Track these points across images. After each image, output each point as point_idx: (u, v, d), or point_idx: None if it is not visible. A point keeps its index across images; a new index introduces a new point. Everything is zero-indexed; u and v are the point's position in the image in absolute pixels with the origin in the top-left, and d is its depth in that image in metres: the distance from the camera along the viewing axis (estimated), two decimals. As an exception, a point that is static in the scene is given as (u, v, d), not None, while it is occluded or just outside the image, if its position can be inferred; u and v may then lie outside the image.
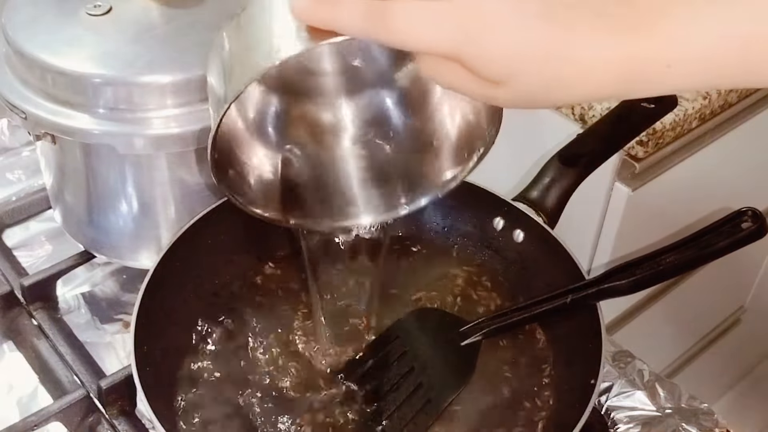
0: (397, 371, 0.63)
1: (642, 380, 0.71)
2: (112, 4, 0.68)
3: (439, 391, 0.62)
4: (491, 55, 0.39)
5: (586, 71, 0.39)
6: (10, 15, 0.68)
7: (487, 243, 0.74)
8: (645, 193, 0.90)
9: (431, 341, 0.66)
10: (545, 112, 0.91)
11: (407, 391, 0.62)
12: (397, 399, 0.62)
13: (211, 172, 0.50)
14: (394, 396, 0.62)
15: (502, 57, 0.39)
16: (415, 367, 0.63)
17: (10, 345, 0.73)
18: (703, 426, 0.67)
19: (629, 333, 1.06)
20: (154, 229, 0.73)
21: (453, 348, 0.64)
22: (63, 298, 0.77)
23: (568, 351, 0.66)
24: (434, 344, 0.65)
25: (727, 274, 1.24)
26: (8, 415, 0.67)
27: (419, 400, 0.61)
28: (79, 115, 0.64)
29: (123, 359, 0.73)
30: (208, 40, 0.67)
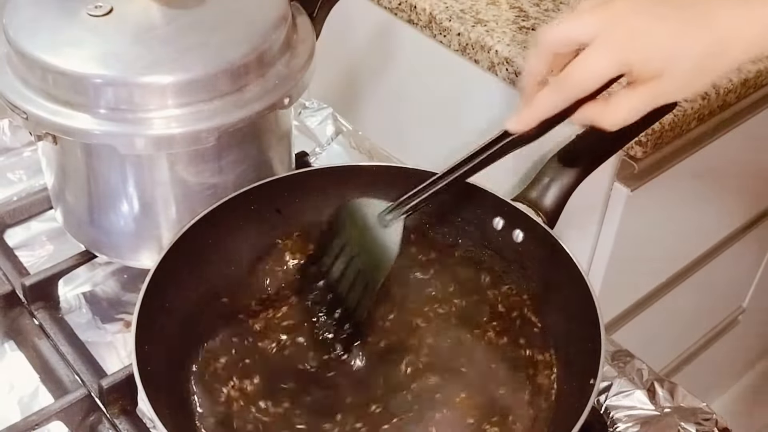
0: (340, 263, 0.69)
1: (641, 379, 0.71)
2: (113, 5, 0.68)
3: (372, 274, 0.66)
4: (649, 55, 0.54)
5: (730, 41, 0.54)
6: (12, 15, 0.69)
7: (486, 243, 0.74)
8: (644, 193, 0.90)
9: (364, 229, 0.69)
10: (545, 112, 0.91)
11: (349, 279, 0.67)
12: (344, 287, 0.68)
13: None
14: (342, 285, 0.68)
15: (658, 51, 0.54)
16: (354, 257, 0.68)
17: (12, 344, 0.73)
18: (702, 425, 0.67)
19: (628, 332, 1.06)
20: (155, 229, 0.73)
21: (380, 231, 0.67)
22: (64, 297, 0.77)
23: (567, 350, 0.66)
24: (366, 231, 0.69)
25: (726, 275, 1.25)
26: (9, 414, 0.68)
27: (360, 285, 0.67)
28: (80, 115, 0.65)
29: (124, 359, 0.73)
30: (208, 40, 0.68)
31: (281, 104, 0.69)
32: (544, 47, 0.59)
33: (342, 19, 0.86)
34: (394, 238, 0.66)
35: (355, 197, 0.76)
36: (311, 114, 1.01)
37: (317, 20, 0.78)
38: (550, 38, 0.58)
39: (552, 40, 0.58)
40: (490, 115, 1.00)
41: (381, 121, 1.15)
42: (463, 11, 0.98)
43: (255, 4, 0.72)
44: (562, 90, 0.57)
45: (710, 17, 0.54)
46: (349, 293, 0.67)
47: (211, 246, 0.71)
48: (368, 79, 1.15)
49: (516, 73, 0.91)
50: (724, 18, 0.54)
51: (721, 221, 1.14)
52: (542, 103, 0.58)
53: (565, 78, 0.56)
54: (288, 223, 0.75)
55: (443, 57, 0.99)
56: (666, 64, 0.54)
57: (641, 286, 1.07)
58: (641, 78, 0.55)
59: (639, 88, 0.55)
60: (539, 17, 0.98)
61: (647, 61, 0.54)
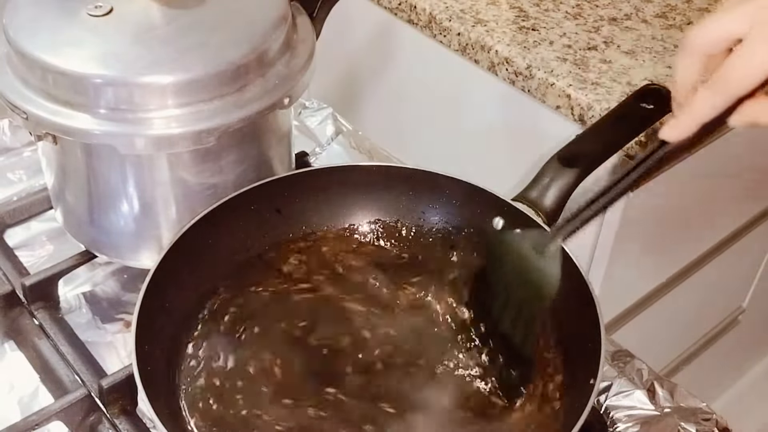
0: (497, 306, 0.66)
1: (641, 379, 0.71)
2: (113, 5, 0.68)
3: (535, 303, 0.64)
4: None
5: None
6: (12, 15, 0.69)
7: (486, 243, 0.74)
8: (644, 194, 0.90)
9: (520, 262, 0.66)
10: (545, 111, 0.91)
11: (511, 316, 0.65)
12: (507, 326, 0.65)
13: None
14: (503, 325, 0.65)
15: None
16: (511, 293, 0.65)
17: (12, 344, 0.73)
18: (702, 425, 0.67)
19: (628, 332, 1.06)
20: (155, 229, 0.73)
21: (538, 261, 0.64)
22: (64, 297, 0.77)
23: (567, 350, 0.66)
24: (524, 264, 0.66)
25: (726, 275, 1.25)
26: (9, 414, 0.68)
27: (523, 320, 0.64)
28: (80, 115, 0.65)
29: (124, 359, 0.73)
30: (208, 40, 0.68)
31: (281, 104, 0.69)
32: (697, 49, 0.55)
33: (342, 19, 0.86)
34: (554, 266, 0.63)
35: (355, 197, 0.77)
36: (311, 114, 1.01)
37: (317, 20, 0.78)
38: (702, 39, 0.55)
39: (704, 41, 0.55)
40: (490, 115, 1.00)
41: (381, 121, 1.15)
42: (463, 11, 0.98)
43: (255, 4, 0.72)
44: (722, 90, 0.54)
45: None
46: (514, 332, 0.65)
47: (211, 246, 0.71)
48: (368, 79, 1.15)
49: (516, 73, 0.91)
50: None
51: (721, 221, 1.14)
52: (701, 107, 0.55)
53: (725, 77, 0.53)
54: (288, 223, 0.75)
55: (443, 57, 0.99)
56: None
57: (641, 286, 1.07)
58: None
59: None
60: (539, 17, 0.98)
61: None
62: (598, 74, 0.89)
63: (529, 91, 0.91)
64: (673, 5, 1.02)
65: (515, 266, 0.66)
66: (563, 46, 0.93)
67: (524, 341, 0.65)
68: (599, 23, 0.97)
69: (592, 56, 0.92)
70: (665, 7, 1.01)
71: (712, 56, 0.55)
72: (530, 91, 0.91)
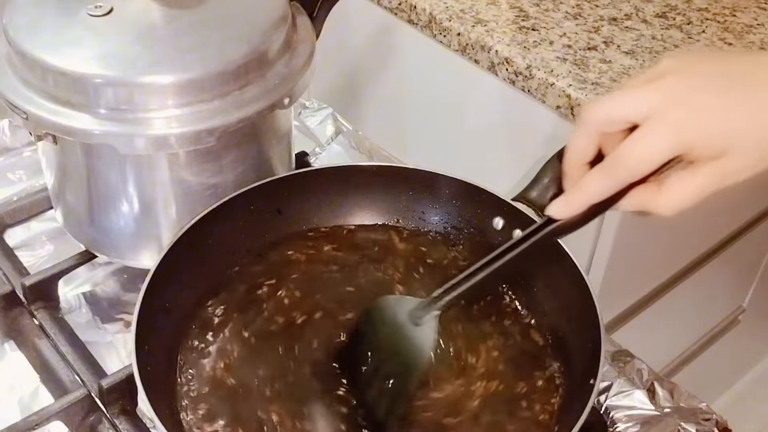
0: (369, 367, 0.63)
1: (641, 379, 0.71)
2: (113, 5, 0.68)
3: (405, 377, 0.62)
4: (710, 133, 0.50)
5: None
6: (12, 15, 0.69)
7: (486, 243, 0.74)
8: (644, 193, 0.90)
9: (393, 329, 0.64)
10: (545, 112, 0.91)
11: (380, 385, 0.62)
12: (372, 395, 0.62)
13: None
14: (370, 393, 0.62)
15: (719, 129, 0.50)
16: (382, 360, 0.63)
17: (12, 344, 0.73)
18: (702, 425, 0.67)
19: (628, 332, 1.06)
20: (155, 229, 0.73)
21: (412, 330, 0.62)
22: (64, 297, 0.77)
23: (567, 350, 0.66)
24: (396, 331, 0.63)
25: (726, 275, 1.25)
26: (9, 414, 0.68)
27: (390, 392, 0.61)
28: (80, 115, 0.65)
29: (124, 359, 0.73)
30: (208, 40, 0.68)
31: (281, 104, 0.69)
32: (591, 126, 0.54)
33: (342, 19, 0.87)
34: (427, 338, 0.61)
35: (355, 197, 0.77)
36: (311, 114, 1.01)
37: (317, 20, 0.78)
38: (597, 116, 0.53)
39: (600, 119, 0.53)
40: (490, 115, 1.00)
41: (381, 121, 1.16)
42: (463, 11, 0.98)
43: (255, 4, 0.72)
44: (614, 174, 0.52)
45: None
46: (379, 400, 0.61)
47: (211, 246, 0.71)
48: (368, 79, 1.15)
49: (516, 73, 0.91)
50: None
51: (721, 221, 1.14)
52: (591, 188, 0.53)
53: (618, 160, 0.51)
54: (288, 223, 0.75)
55: (443, 57, 0.99)
56: (728, 142, 0.50)
57: (641, 286, 1.07)
58: (701, 158, 0.51)
59: (700, 169, 0.51)
60: (539, 17, 0.98)
61: (708, 140, 0.50)
62: (598, 74, 0.89)
63: (529, 91, 0.91)
64: (673, 5, 1.02)
65: (388, 333, 0.63)
66: (563, 46, 0.93)
67: (387, 415, 0.61)
68: (599, 23, 0.97)
69: (592, 56, 0.92)
70: (665, 7, 1.01)
71: (609, 135, 0.53)
72: (530, 91, 0.91)
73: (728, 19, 0.99)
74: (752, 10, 1.02)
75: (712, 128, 0.50)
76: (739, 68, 0.52)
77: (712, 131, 0.50)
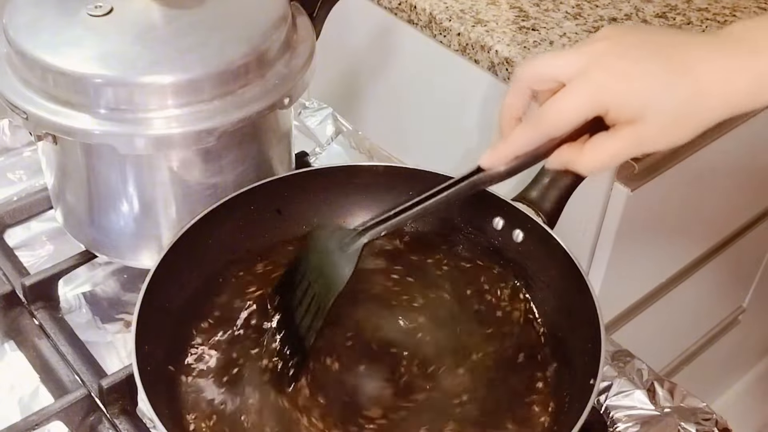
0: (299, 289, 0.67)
1: (641, 379, 0.71)
2: (113, 5, 0.68)
3: (325, 296, 0.65)
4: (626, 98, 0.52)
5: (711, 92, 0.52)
6: (12, 16, 0.69)
7: (486, 243, 0.74)
8: (644, 193, 0.90)
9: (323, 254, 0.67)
10: (545, 112, 0.91)
11: (306, 304, 0.66)
12: (299, 313, 0.66)
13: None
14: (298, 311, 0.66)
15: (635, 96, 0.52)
16: (311, 282, 0.66)
17: (12, 344, 0.73)
18: (702, 425, 0.67)
19: (628, 332, 1.06)
20: (155, 229, 0.73)
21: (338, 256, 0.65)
22: (64, 297, 0.77)
23: (567, 350, 0.66)
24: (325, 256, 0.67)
25: (726, 275, 1.25)
26: (9, 414, 0.68)
27: (313, 309, 0.65)
28: (80, 115, 0.65)
29: (124, 359, 0.73)
30: (208, 40, 0.68)
31: (281, 104, 0.69)
32: (521, 82, 0.57)
33: (342, 19, 0.87)
34: (349, 261, 0.64)
35: (355, 197, 0.77)
36: (311, 114, 1.01)
37: (317, 20, 0.78)
38: (527, 73, 0.57)
39: (529, 76, 0.57)
40: (490, 115, 1.00)
41: (381, 121, 1.15)
42: (463, 11, 0.98)
43: (255, 4, 0.73)
44: (536, 127, 0.55)
45: (691, 66, 0.52)
46: (302, 320, 0.65)
47: (211, 246, 0.71)
48: (368, 79, 1.15)
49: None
50: (705, 69, 0.52)
51: (721, 221, 1.14)
52: (517, 140, 0.57)
53: (540, 115, 0.55)
54: (288, 223, 0.75)
55: (443, 57, 0.99)
56: (643, 109, 0.52)
57: (641, 286, 1.07)
58: (618, 121, 0.53)
59: (618, 132, 0.53)
60: (539, 17, 0.98)
61: (624, 104, 0.52)
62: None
63: (529, 91, 0.91)
64: (673, 5, 1.02)
65: (319, 258, 0.67)
66: (563, 46, 0.93)
67: (306, 332, 0.65)
68: (599, 23, 0.97)
69: (592, 56, 0.92)
70: (665, 7, 1.01)
71: (542, 92, 0.56)
72: (530, 91, 0.91)
73: (728, 19, 0.99)
74: (752, 11, 1.02)
75: (630, 92, 0.52)
76: (668, 40, 0.55)
77: (629, 95, 0.52)
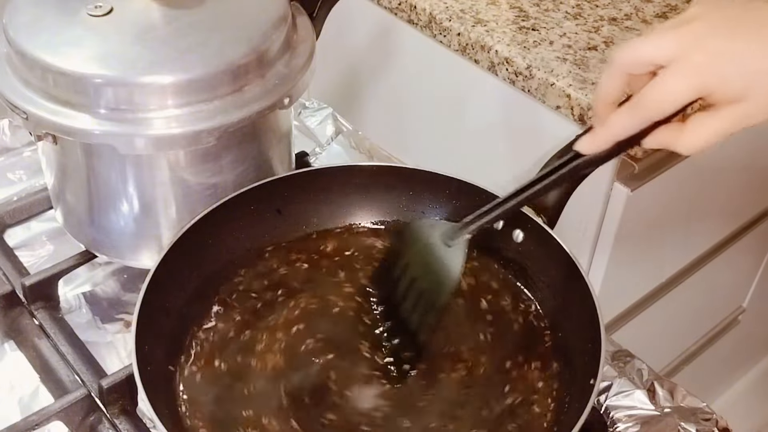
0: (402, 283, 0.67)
1: (641, 379, 0.71)
2: (113, 5, 0.68)
3: (435, 296, 0.65)
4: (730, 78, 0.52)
5: None
6: (12, 16, 0.69)
7: (486, 243, 0.74)
8: (644, 193, 0.90)
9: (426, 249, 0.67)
10: (545, 111, 0.91)
11: (413, 301, 0.66)
12: (405, 309, 0.66)
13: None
14: (403, 307, 0.67)
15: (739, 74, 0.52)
16: (415, 277, 0.67)
17: (12, 344, 0.73)
18: (702, 425, 0.67)
19: (628, 332, 1.06)
20: (155, 229, 0.73)
21: (444, 251, 0.66)
22: (64, 297, 0.77)
23: (567, 350, 0.66)
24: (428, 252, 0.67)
25: (726, 275, 1.25)
26: (9, 414, 0.68)
27: (422, 307, 0.66)
28: (80, 115, 0.65)
29: (124, 359, 0.73)
30: (208, 40, 0.68)
31: (281, 104, 0.69)
32: (618, 67, 0.57)
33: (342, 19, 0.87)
34: (457, 258, 0.65)
35: (355, 197, 0.77)
36: (311, 114, 1.01)
37: (317, 20, 0.78)
38: (624, 58, 0.56)
39: (627, 61, 0.56)
40: (490, 115, 1.00)
41: (381, 121, 1.15)
42: (463, 11, 0.98)
43: (255, 4, 0.73)
44: (637, 112, 0.55)
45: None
46: (411, 316, 0.66)
47: (211, 246, 0.71)
48: (368, 79, 1.15)
49: (516, 73, 0.91)
50: None
51: (721, 221, 1.14)
52: (616, 125, 0.57)
53: (642, 100, 0.54)
54: (288, 223, 0.75)
55: (443, 57, 0.99)
56: (748, 86, 0.52)
57: (641, 286, 1.07)
58: (719, 102, 0.53)
59: (720, 111, 0.54)
60: (539, 17, 0.98)
61: (728, 84, 0.52)
62: (598, 74, 0.89)
63: (529, 91, 0.91)
64: (673, 5, 1.02)
65: (422, 252, 0.67)
66: (563, 46, 0.93)
67: (418, 328, 0.66)
68: (599, 23, 0.97)
69: (592, 56, 0.92)
70: (665, 7, 1.01)
71: (636, 76, 0.56)
72: (530, 91, 0.91)
73: (728, 19, 0.99)
74: (752, 10, 1.02)
75: (732, 72, 0.52)
76: (762, 14, 0.54)
77: (731, 75, 0.52)
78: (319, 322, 0.69)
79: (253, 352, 0.67)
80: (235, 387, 0.64)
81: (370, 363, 0.66)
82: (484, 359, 0.67)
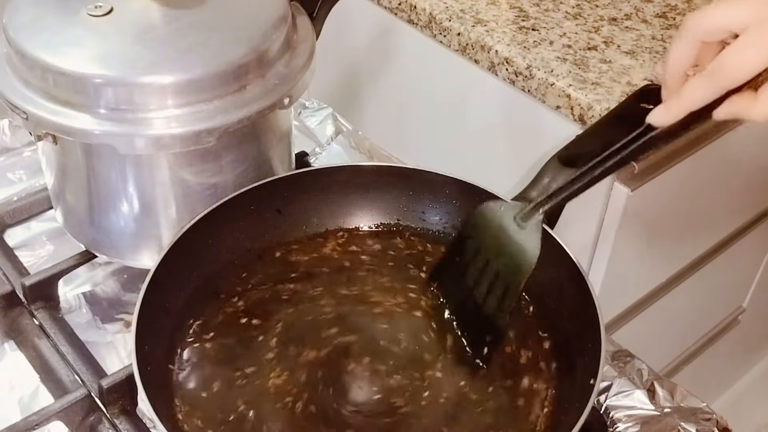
0: (474, 268, 0.67)
1: (641, 379, 0.71)
2: (113, 5, 0.68)
3: (513, 277, 0.65)
4: None
5: None
6: (12, 16, 0.69)
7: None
8: (644, 193, 0.90)
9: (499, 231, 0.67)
10: (545, 111, 0.91)
11: (487, 282, 0.66)
12: (479, 293, 0.67)
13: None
14: (478, 291, 0.67)
15: None
16: (489, 260, 0.67)
17: (12, 344, 0.73)
18: (702, 425, 0.67)
19: (628, 332, 1.06)
20: (155, 229, 0.73)
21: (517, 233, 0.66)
22: (64, 297, 0.77)
23: (567, 350, 0.66)
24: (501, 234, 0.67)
25: (726, 275, 1.25)
26: (9, 414, 0.68)
27: (499, 289, 0.65)
28: (80, 115, 0.65)
29: (124, 359, 0.73)
30: (208, 40, 0.68)
31: (281, 104, 0.69)
32: (693, 35, 0.55)
33: (342, 19, 0.87)
34: (533, 239, 0.64)
35: (355, 197, 0.77)
36: (311, 114, 1.01)
37: (317, 20, 0.78)
38: (699, 26, 0.55)
39: (703, 28, 0.55)
40: (490, 115, 1.00)
41: (381, 121, 1.16)
42: (463, 11, 0.98)
43: (255, 4, 0.73)
44: (714, 80, 0.54)
45: None
46: (487, 299, 0.66)
47: (211, 246, 0.71)
48: (368, 79, 1.15)
49: (516, 73, 0.91)
50: None
51: (721, 221, 1.14)
52: (691, 94, 0.55)
53: (718, 69, 0.53)
54: (288, 223, 0.75)
55: (443, 57, 0.99)
56: None
57: (641, 286, 1.07)
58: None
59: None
60: (539, 17, 0.98)
61: None
62: (598, 74, 0.89)
63: (529, 91, 0.91)
64: (673, 5, 1.02)
65: (495, 234, 0.67)
66: (563, 46, 0.93)
67: (497, 311, 0.66)
68: (599, 23, 0.97)
69: (592, 56, 0.92)
70: (665, 7, 1.01)
71: (706, 45, 0.55)
72: (530, 91, 0.91)
73: (728, 19, 0.99)
74: (752, 10, 1.02)
75: None
76: None
77: None
78: (319, 322, 0.69)
79: (254, 351, 0.67)
80: (235, 387, 0.64)
81: (369, 364, 0.66)
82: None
